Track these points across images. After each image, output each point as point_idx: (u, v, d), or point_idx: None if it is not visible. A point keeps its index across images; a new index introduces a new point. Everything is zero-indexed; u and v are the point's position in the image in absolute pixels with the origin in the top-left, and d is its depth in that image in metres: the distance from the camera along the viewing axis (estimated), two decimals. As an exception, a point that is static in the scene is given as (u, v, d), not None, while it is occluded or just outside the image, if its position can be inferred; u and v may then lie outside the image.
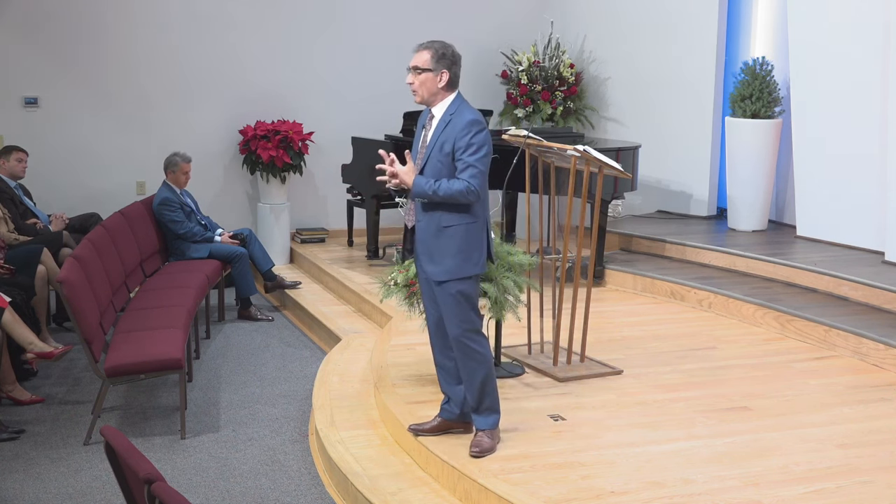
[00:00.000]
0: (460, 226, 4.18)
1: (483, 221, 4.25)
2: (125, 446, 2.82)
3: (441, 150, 4.17)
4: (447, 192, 4.10)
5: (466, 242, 4.19)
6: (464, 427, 4.53)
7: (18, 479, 4.83)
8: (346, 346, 6.44)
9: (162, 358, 5.36)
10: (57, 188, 8.60)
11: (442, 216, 4.18)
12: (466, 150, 4.11)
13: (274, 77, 9.34)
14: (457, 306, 4.21)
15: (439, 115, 4.26)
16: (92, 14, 8.74)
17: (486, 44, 9.84)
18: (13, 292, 6.04)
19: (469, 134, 4.12)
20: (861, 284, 6.42)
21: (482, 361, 4.28)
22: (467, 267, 4.20)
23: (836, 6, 7.45)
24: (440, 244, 4.20)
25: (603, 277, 7.57)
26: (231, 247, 7.82)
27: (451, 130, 4.16)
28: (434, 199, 4.15)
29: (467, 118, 4.15)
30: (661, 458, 4.34)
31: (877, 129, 7.15)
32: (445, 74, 4.24)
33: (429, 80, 4.25)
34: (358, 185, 8.71)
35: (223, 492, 4.68)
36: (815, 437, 4.59)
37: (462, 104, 4.24)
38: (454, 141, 4.14)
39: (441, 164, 4.17)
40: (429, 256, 4.25)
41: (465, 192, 4.10)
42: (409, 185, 4.17)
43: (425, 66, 4.26)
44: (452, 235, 4.18)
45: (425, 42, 4.34)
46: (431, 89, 4.26)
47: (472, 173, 4.11)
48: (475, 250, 4.22)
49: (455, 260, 4.18)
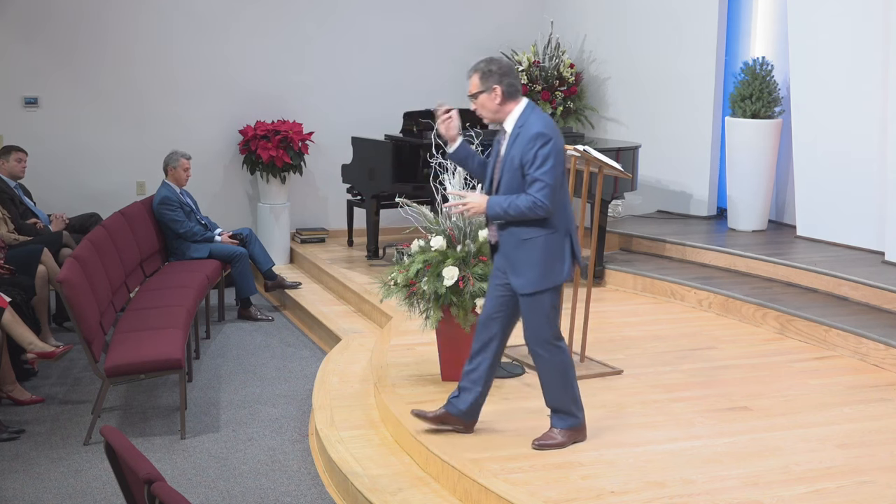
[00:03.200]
0: (539, 238, 4.20)
1: (563, 232, 4.24)
2: (125, 446, 2.82)
3: (512, 164, 4.19)
4: (517, 211, 4.14)
5: (546, 253, 4.21)
6: (464, 426, 4.54)
7: (18, 479, 4.83)
8: (346, 346, 6.44)
9: (162, 358, 5.36)
10: (57, 188, 8.60)
11: (520, 230, 4.22)
12: (532, 164, 4.12)
13: (274, 77, 9.34)
14: (536, 315, 4.26)
15: (509, 128, 4.26)
16: (92, 14, 8.75)
17: (486, 44, 9.81)
18: (13, 292, 6.04)
19: (534, 147, 4.11)
20: (861, 284, 6.41)
21: (552, 368, 4.33)
22: (550, 277, 4.23)
23: (836, 6, 7.45)
24: (521, 256, 4.23)
25: (603, 277, 7.57)
26: (231, 247, 7.82)
27: (520, 144, 4.17)
28: (507, 218, 4.19)
29: (532, 131, 4.14)
30: (661, 458, 4.34)
31: (877, 129, 7.15)
32: (498, 89, 4.22)
33: (485, 100, 4.24)
34: (358, 185, 8.71)
35: (223, 492, 4.68)
36: (815, 437, 4.59)
37: (530, 115, 4.21)
38: (521, 155, 4.15)
39: (513, 179, 4.19)
40: (512, 269, 4.27)
41: (531, 207, 4.12)
42: (484, 211, 4.22)
43: (477, 90, 4.25)
44: (532, 248, 4.21)
45: (472, 67, 4.29)
46: (492, 108, 4.25)
47: (539, 187, 4.10)
48: (556, 261, 4.23)
49: (536, 271, 4.21)
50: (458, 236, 5.14)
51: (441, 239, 5.11)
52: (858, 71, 7.29)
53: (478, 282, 5.02)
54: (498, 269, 4.39)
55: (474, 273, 5.05)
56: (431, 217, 5.29)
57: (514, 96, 4.24)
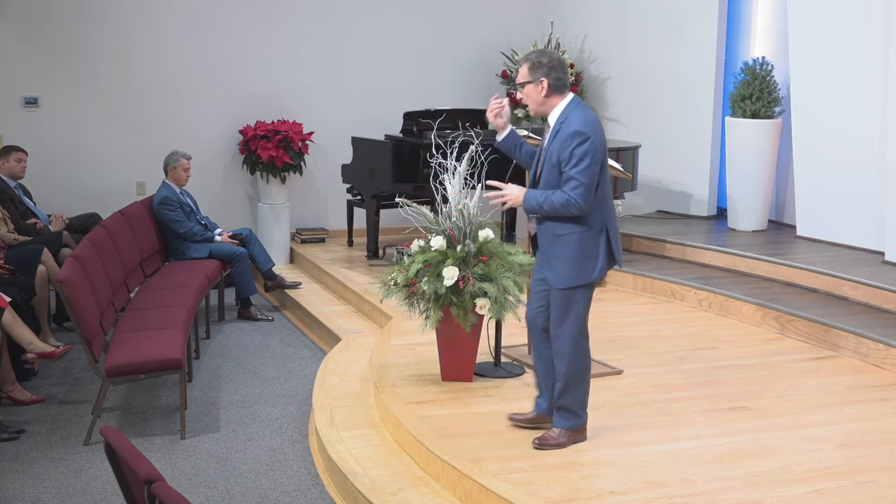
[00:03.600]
0: (573, 234, 4.22)
1: (599, 229, 4.25)
2: (125, 446, 2.82)
3: (551, 159, 4.22)
4: (551, 206, 4.17)
5: (581, 250, 4.23)
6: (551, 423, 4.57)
7: (18, 479, 4.83)
8: (346, 346, 6.44)
9: (162, 358, 5.36)
10: (57, 188, 8.60)
11: (555, 225, 4.25)
12: (569, 162, 4.14)
13: (274, 77, 9.34)
14: (564, 310, 4.28)
15: (552, 123, 4.29)
16: (92, 14, 8.75)
17: (486, 44, 9.84)
18: (13, 292, 6.04)
19: (571, 145, 4.13)
20: (861, 284, 6.41)
21: (571, 365, 4.32)
22: (583, 274, 4.25)
23: (836, 6, 7.45)
24: (556, 252, 4.27)
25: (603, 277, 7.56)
26: (231, 247, 7.82)
27: (559, 140, 4.19)
28: (542, 213, 4.23)
29: (571, 129, 4.15)
30: (661, 458, 4.34)
31: (877, 128, 7.15)
32: (545, 82, 4.25)
33: (531, 91, 4.28)
34: (358, 185, 8.71)
35: (223, 492, 4.68)
36: (815, 437, 4.59)
37: (572, 112, 4.23)
38: (559, 152, 4.17)
39: (551, 174, 4.22)
40: (547, 263, 4.32)
41: (566, 205, 4.14)
42: (521, 203, 4.27)
43: (524, 80, 4.29)
44: (566, 244, 4.23)
45: (523, 56, 4.38)
46: (537, 100, 4.29)
47: (573, 185, 4.12)
48: (590, 258, 4.25)
49: (570, 267, 4.24)
50: (458, 236, 5.14)
51: (441, 239, 5.12)
52: (858, 71, 7.29)
53: (478, 282, 5.02)
54: (538, 263, 4.45)
55: (474, 273, 5.05)
56: (431, 217, 5.28)
57: (560, 91, 4.27)
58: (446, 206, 5.21)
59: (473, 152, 5.31)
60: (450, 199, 5.21)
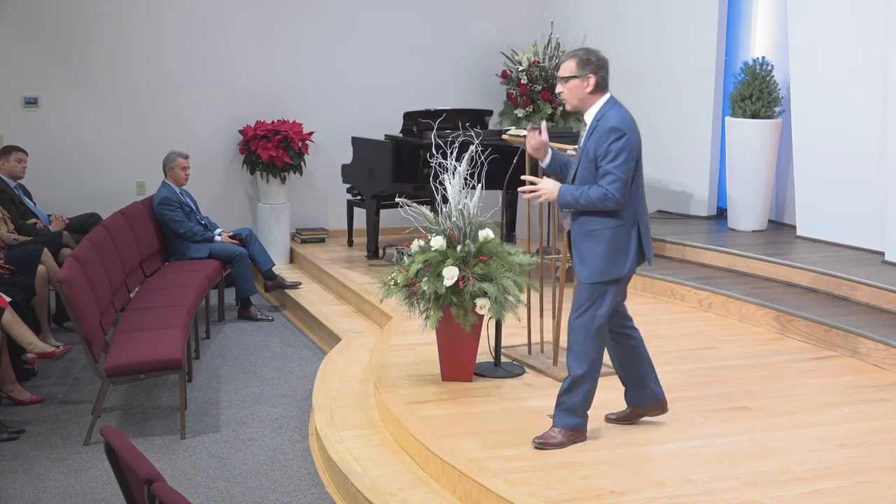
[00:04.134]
0: (606, 229, 4.25)
1: (631, 225, 4.29)
2: (125, 446, 2.82)
3: (587, 156, 4.26)
4: (587, 200, 4.20)
5: (612, 246, 4.26)
6: (656, 408, 4.63)
7: (18, 479, 4.83)
8: (346, 346, 6.44)
9: (162, 358, 5.36)
10: (57, 188, 8.60)
11: (588, 220, 4.28)
12: (606, 157, 4.19)
13: (274, 77, 9.34)
14: (586, 303, 4.30)
15: (589, 120, 4.34)
16: (92, 14, 8.75)
17: (486, 44, 9.84)
18: (13, 292, 6.04)
19: (608, 141, 4.19)
20: (861, 284, 6.41)
21: (582, 360, 4.33)
22: (613, 270, 4.28)
23: (836, 6, 7.45)
24: (588, 247, 4.29)
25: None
26: (231, 247, 7.82)
27: (595, 137, 4.24)
28: (577, 208, 4.25)
29: (609, 125, 4.22)
30: (661, 458, 4.34)
31: (877, 128, 7.15)
32: (592, 79, 4.31)
33: (576, 86, 4.32)
34: (358, 185, 8.71)
35: (223, 492, 4.68)
36: (815, 437, 4.59)
37: (610, 109, 4.30)
38: (595, 148, 4.22)
39: (587, 171, 4.26)
40: (579, 258, 4.34)
41: (602, 199, 4.17)
42: (555, 198, 4.30)
43: (571, 74, 4.32)
44: (599, 239, 4.26)
45: (569, 51, 4.42)
46: (580, 95, 4.33)
47: (611, 180, 4.16)
48: (621, 254, 4.28)
49: (601, 263, 4.26)
50: (458, 236, 5.14)
51: (441, 239, 5.12)
52: (858, 71, 7.29)
53: (478, 282, 5.02)
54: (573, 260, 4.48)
55: (474, 273, 5.05)
56: (431, 217, 5.28)
57: (602, 90, 4.34)
58: (446, 206, 5.21)
59: (473, 152, 5.31)
60: (450, 199, 5.21)
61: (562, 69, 4.37)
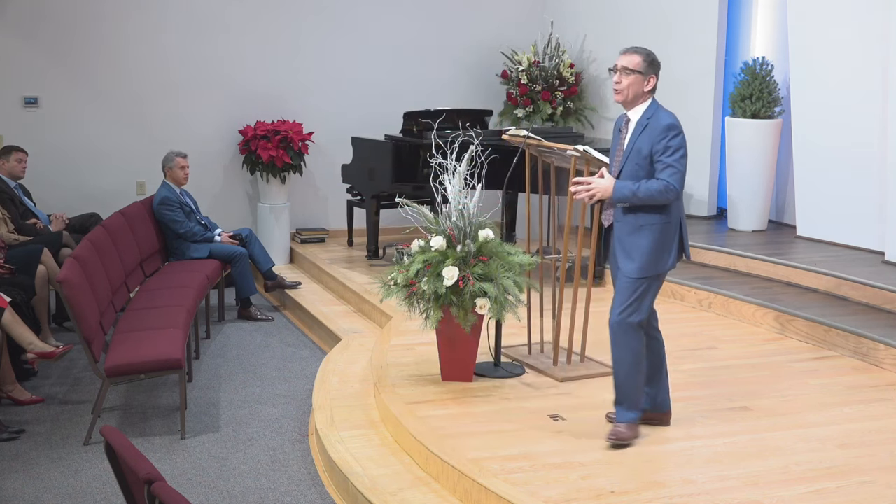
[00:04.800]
0: (656, 225, 4.34)
1: (676, 221, 4.39)
2: (125, 446, 2.82)
3: (639, 153, 4.34)
4: (647, 193, 4.27)
5: (661, 241, 4.36)
6: (659, 417, 4.64)
7: (18, 479, 4.83)
8: (346, 346, 6.44)
9: (162, 358, 5.36)
10: (57, 188, 8.60)
11: (639, 216, 4.35)
12: (665, 153, 4.28)
13: (274, 77, 9.34)
14: (630, 295, 4.37)
15: (636, 118, 4.42)
16: (92, 14, 8.75)
17: (486, 44, 9.84)
18: (13, 292, 6.04)
19: (666, 138, 4.30)
20: (861, 284, 6.41)
21: (628, 354, 4.40)
22: (659, 265, 4.38)
23: (836, 6, 7.45)
24: (636, 242, 4.36)
25: (603, 277, 7.56)
26: (231, 247, 7.82)
27: (649, 134, 4.33)
28: (634, 202, 4.31)
29: (664, 122, 4.33)
30: (661, 458, 4.34)
31: (877, 128, 7.15)
32: (653, 80, 4.44)
33: (637, 82, 4.41)
34: (358, 185, 8.71)
35: (223, 492, 4.68)
36: (815, 437, 4.59)
37: (658, 109, 4.41)
38: (652, 144, 4.31)
39: (638, 167, 4.34)
40: (625, 254, 4.39)
41: (664, 191, 4.26)
42: (610, 196, 4.34)
43: (636, 68, 4.40)
44: (648, 234, 4.34)
45: (633, 47, 4.48)
46: (637, 92, 4.42)
47: (671, 172, 4.27)
48: (666, 249, 4.38)
49: (649, 257, 4.35)
50: (458, 236, 5.14)
51: (441, 239, 5.12)
52: (858, 71, 7.29)
53: (478, 282, 5.02)
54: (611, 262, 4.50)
55: (474, 273, 5.05)
56: (431, 217, 5.28)
57: (654, 92, 4.46)
58: (446, 206, 5.21)
59: (473, 152, 5.31)
60: (450, 199, 5.21)
61: (625, 60, 4.42)
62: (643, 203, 4.31)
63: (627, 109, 4.47)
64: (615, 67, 4.44)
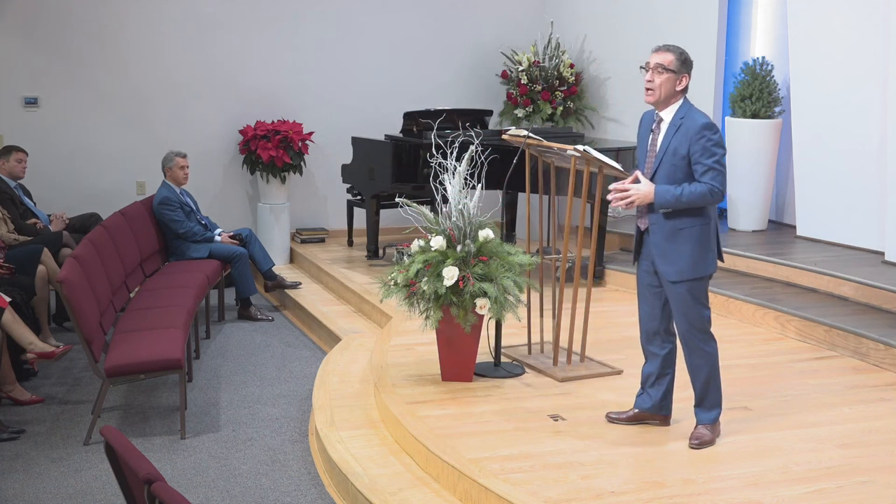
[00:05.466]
0: (694, 227, 4.29)
1: (714, 223, 4.35)
2: (125, 446, 2.82)
3: (675, 154, 4.26)
4: (691, 197, 4.21)
5: (700, 243, 4.31)
6: (659, 420, 4.64)
7: (18, 479, 4.83)
8: (346, 346, 6.44)
9: (162, 358, 5.36)
10: (57, 188, 8.60)
11: (677, 219, 4.29)
12: (703, 154, 4.20)
13: (274, 77, 9.34)
14: (687, 305, 4.34)
15: (668, 118, 4.32)
16: (92, 14, 8.75)
17: (486, 44, 9.84)
18: (13, 292, 6.04)
19: (704, 138, 4.21)
20: (861, 284, 6.41)
21: (707, 359, 4.41)
22: (701, 267, 4.32)
23: (836, 6, 7.45)
24: (675, 246, 4.31)
25: (603, 277, 7.57)
26: (231, 247, 7.82)
27: (684, 134, 4.24)
28: (678, 206, 4.25)
29: (700, 122, 4.23)
30: (661, 458, 4.34)
31: (877, 128, 7.14)
32: (686, 79, 4.32)
33: (670, 80, 4.29)
34: (358, 185, 8.71)
35: (223, 492, 4.68)
36: (815, 437, 4.59)
37: (690, 109, 4.31)
38: (689, 145, 4.22)
39: (675, 168, 4.26)
40: (663, 257, 4.35)
41: (708, 195, 4.21)
42: (650, 201, 4.28)
43: (670, 67, 4.29)
44: (688, 237, 4.29)
45: (664, 44, 4.36)
46: (670, 91, 4.31)
47: (713, 175, 4.20)
48: (708, 251, 4.33)
49: (689, 260, 4.30)
50: (458, 236, 5.14)
51: (441, 239, 5.11)
52: (858, 71, 7.28)
53: (478, 282, 5.02)
54: (645, 268, 4.47)
55: (474, 273, 5.05)
56: (431, 217, 5.28)
57: (686, 91, 4.34)
58: (446, 206, 5.21)
59: (473, 152, 5.31)
60: (450, 199, 5.21)
61: (658, 58, 4.30)
62: (686, 207, 4.25)
63: (659, 110, 4.35)
64: (647, 65, 4.34)
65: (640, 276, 4.55)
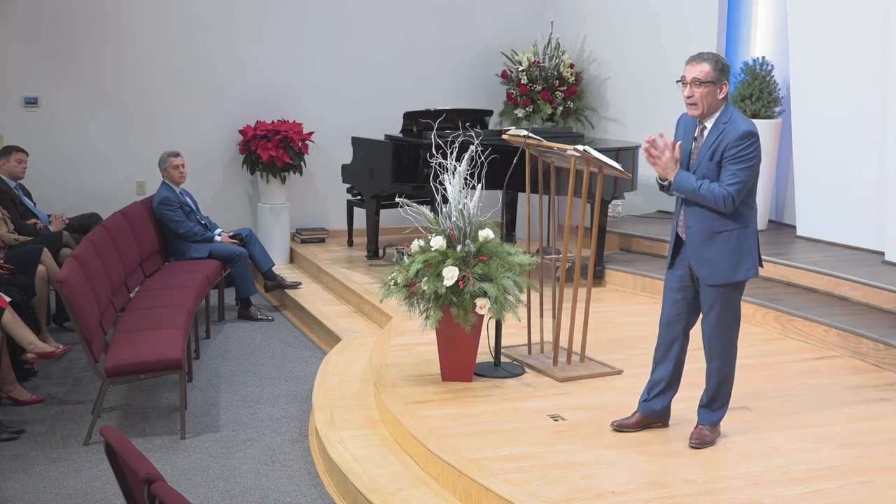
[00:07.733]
0: (732, 231, 4.25)
1: (753, 227, 4.31)
2: (125, 446, 2.82)
3: (711, 158, 4.21)
4: (708, 193, 4.17)
5: (739, 248, 4.27)
6: (661, 423, 4.66)
7: (18, 479, 4.83)
8: (346, 346, 6.44)
9: (162, 358, 5.36)
10: (57, 188, 8.61)
11: (714, 222, 4.26)
12: (734, 160, 4.15)
13: (274, 77, 9.34)
14: (720, 309, 4.35)
15: (711, 124, 4.26)
16: (92, 14, 8.75)
17: (486, 44, 9.85)
18: (13, 292, 6.04)
19: (741, 145, 4.14)
20: (861, 284, 6.41)
21: (727, 363, 4.44)
22: (740, 271, 4.31)
23: (836, 6, 7.45)
24: (712, 250, 4.28)
25: (603, 277, 7.57)
26: (231, 247, 7.82)
27: (724, 139, 4.18)
28: (693, 197, 4.22)
29: (743, 129, 4.15)
30: (661, 458, 4.34)
31: (877, 129, 7.14)
32: (726, 87, 4.24)
33: (711, 92, 4.21)
34: (358, 185, 8.71)
35: (223, 492, 4.68)
36: (815, 437, 4.59)
37: (734, 113, 4.24)
38: (724, 149, 4.17)
39: (710, 172, 4.22)
40: (700, 260, 4.33)
41: (721, 199, 4.16)
42: (670, 178, 4.25)
43: (708, 78, 4.19)
44: (725, 241, 4.26)
45: (699, 54, 4.28)
46: (711, 101, 4.22)
47: (735, 184, 4.14)
48: (748, 255, 4.30)
49: (727, 264, 4.28)
50: (458, 236, 5.14)
51: (441, 239, 5.12)
52: (859, 71, 7.28)
53: (478, 282, 5.02)
54: (677, 275, 4.45)
55: (474, 273, 5.05)
56: (431, 217, 5.29)
57: (727, 97, 4.29)
58: (446, 206, 5.21)
59: (473, 152, 5.31)
60: (450, 199, 5.21)
61: (694, 71, 4.19)
62: (698, 201, 4.22)
63: (704, 121, 4.27)
64: (683, 79, 4.22)
65: (670, 281, 4.51)
